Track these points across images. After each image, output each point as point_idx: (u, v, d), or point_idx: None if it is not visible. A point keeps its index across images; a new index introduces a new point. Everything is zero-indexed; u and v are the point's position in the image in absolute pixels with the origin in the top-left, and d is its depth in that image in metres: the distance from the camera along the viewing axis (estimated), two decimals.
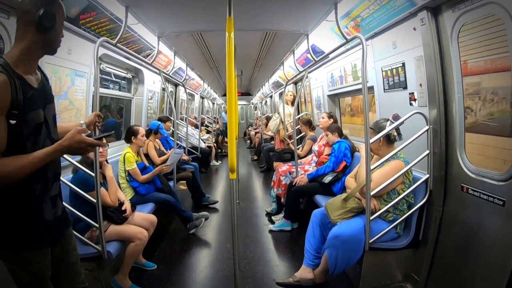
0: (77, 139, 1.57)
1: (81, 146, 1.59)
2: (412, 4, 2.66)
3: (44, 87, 1.69)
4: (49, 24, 1.56)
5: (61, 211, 1.85)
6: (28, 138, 1.54)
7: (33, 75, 1.63)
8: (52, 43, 1.66)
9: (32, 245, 1.63)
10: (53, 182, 1.75)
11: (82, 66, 3.66)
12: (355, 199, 3.07)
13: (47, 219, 1.69)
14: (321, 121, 5.11)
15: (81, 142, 1.58)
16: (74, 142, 1.56)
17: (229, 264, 3.63)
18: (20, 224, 1.59)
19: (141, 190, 4.19)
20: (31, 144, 1.55)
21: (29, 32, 1.55)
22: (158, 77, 6.52)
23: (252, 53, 6.36)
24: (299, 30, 4.13)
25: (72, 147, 1.57)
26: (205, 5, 3.26)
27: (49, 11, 1.55)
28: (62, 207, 1.87)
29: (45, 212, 1.68)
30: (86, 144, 1.60)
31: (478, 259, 2.41)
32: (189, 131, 7.95)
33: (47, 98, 1.71)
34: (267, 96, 12.91)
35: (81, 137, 1.58)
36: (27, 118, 1.52)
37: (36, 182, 1.61)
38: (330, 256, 2.86)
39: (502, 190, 2.20)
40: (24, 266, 1.63)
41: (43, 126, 1.62)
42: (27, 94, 1.52)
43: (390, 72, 3.38)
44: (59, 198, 1.84)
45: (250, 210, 5.66)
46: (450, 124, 2.70)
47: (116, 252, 2.96)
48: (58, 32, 1.66)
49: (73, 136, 1.56)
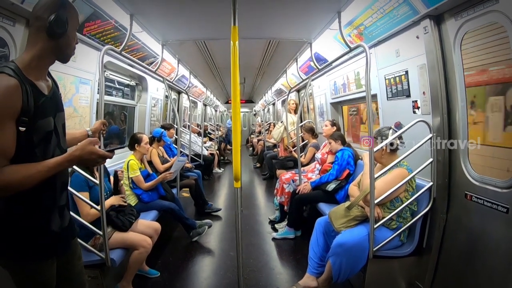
0: (89, 150, 1.54)
1: (92, 157, 1.56)
2: (415, 13, 2.67)
3: (54, 94, 1.67)
4: (60, 31, 1.53)
5: (68, 221, 1.81)
6: (38, 146, 1.51)
7: (44, 82, 1.60)
8: (64, 50, 1.63)
9: (38, 256, 1.59)
10: (61, 192, 1.72)
11: (87, 74, 3.68)
12: (358, 207, 3.06)
13: (54, 230, 1.65)
14: (324, 129, 5.11)
15: (92, 153, 1.55)
16: (86, 152, 1.53)
17: (233, 272, 3.62)
18: (27, 234, 1.55)
19: (145, 197, 4.19)
20: (41, 152, 1.52)
21: (40, 38, 1.53)
22: (161, 85, 6.54)
23: (255, 61, 6.39)
24: (302, 39, 4.16)
25: (84, 157, 1.54)
26: (209, 14, 3.29)
27: (61, 17, 1.52)
28: (69, 217, 1.83)
29: (52, 223, 1.64)
30: (97, 155, 1.57)
31: (482, 266, 2.40)
32: (192, 139, 7.96)
33: (58, 106, 1.69)
34: (270, 103, 12.92)
35: (93, 148, 1.55)
36: (38, 126, 1.49)
37: (44, 192, 1.58)
38: (334, 264, 2.85)
39: (505, 197, 2.20)
40: (30, 277, 1.60)
41: (53, 134, 1.60)
42: (38, 100, 1.50)
43: (393, 80, 3.39)
44: (67, 208, 1.80)
45: (253, 217, 5.64)
46: (453, 131, 2.70)
47: (119, 260, 2.96)
48: (71, 38, 1.63)
49: (85, 146, 1.53)
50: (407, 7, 2.67)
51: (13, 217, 1.52)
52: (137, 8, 3.12)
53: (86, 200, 2.81)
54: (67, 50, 1.65)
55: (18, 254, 1.55)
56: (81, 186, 2.91)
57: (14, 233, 1.53)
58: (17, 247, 1.55)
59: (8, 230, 1.53)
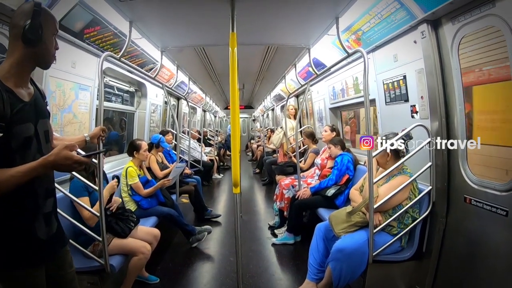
0: (63, 155, 1.48)
1: (67, 163, 1.49)
2: (412, 18, 2.69)
3: (36, 101, 1.65)
4: (33, 37, 1.53)
5: (56, 229, 1.79)
6: (17, 152, 1.50)
7: (24, 89, 1.60)
8: (42, 56, 1.62)
9: (25, 264, 1.57)
10: (45, 199, 1.69)
11: (86, 80, 3.69)
12: (359, 213, 3.06)
13: (40, 238, 1.64)
14: (323, 134, 5.11)
15: (67, 158, 1.48)
16: (60, 158, 1.47)
17: (232, 278, 3.61)
18: (11, 242, 1.54)
19: (144, 204, 4.19)
20: (20, 158, 1.50)
21: (17, 46, 1.54)
22: (160, 91, 6.54)
23: (254, 67, 6.41)
24: (300, 44, 4.19)
25: (58, 163, 1.48)
26: (208, 20, 3.31)
27: (34, 24, 1.52)
28: (57, 225, 1.81)
29: (38, 230, 1.62)
30: (73, 161, 1.50)
31: (482, 269, 2.40)
32: (192, 145, 7.96)
33: (40, 113, 1.67)
34: (269, 109, 12.94)
35: (67, 153, 1.49)
36: (15, 131, 1.48)
37: (24, 198, 1.56)
38: (334, 269, 2.85)
39: (505, 201, 2.20)
40: (17, 285, 1.58)
41: (33, 140, 1.58)
42: (15, 107, 1.49)
43: (392, 85, 3.40)
44: (54, 216, 1.78)
45: (252, 223, 5.64)
46: (452, 135, 2.70)
47: (119, 266, 2.95)
48: (48, 45, 1.62)
49: (60, 151, 1.48)
50: (404, 12, 2.68)
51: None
52: (136, 15, 3.14)
53: (84, 205, 2.81)
54: (45, 57, 1.65)
55: (4, 262, 1.53)
56: (80, 191, 2.91)
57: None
58: (3, 254, 1.53)
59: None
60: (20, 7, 1.58)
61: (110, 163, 4.89)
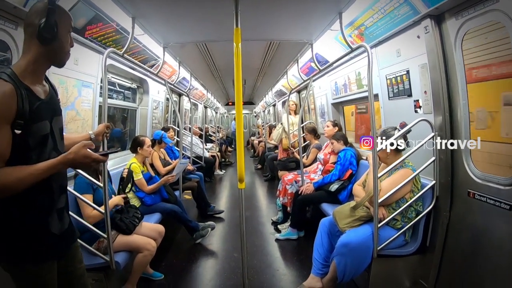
0: (82, 153, 1.54)
1: (86, 161, 1.56)
2: (415, 13, 2.69)
3: (51, 99, 1.69)
4: (49, 36, 1.54)
5: (68, 224, 1.82)
6: (34, 150, 1.53)
7: (40, 87, 1.62)
8: (57, 54, 1.64)
9: (38, 259, 1.60)
10: (59, 195, 1.73)
11: (89, 77, 3.69)
12: (363, 208, 3.06)
13: (54, 233, 1.67)
14: (326, 130, 5.12)
15: (86, 157, 1.55)
16: (80, 156, 1.53)
17: (237, 273, 3.63)
18: (26, 237, 1.57)
19: (147, 200, 4.20)
20: (36, 155, 1.53)
21: (33, 44, 1.55)
22: (162, 87, 6.56)
23: (255, 62, 6.40)
24: (303, 40, 4.18)
25: (77, 161, 1.54)
26: (210, 16, 3.31)
27: (49, 22, 1.53)
28: (69, 220, 1.84)
29: (51, 225, 1.65)
30: (91, 159, 1.57)
31: (486, 264, 2.41)
32: (194, 141, 7.97)
33: (55, 110, 1.70)
34: (270, 104, 12.93)
35: (86, 151, 1.55)
36: (33, 129, 1.51)
37: (41, 194, 1.60)
38: (339, 264, 2.86)
39: (508, 195, 2.20)
40: (30, 280, 1.60)
41: (49, 138, 1.61)
42: (33, 105, 1.52)
43: (395, 80, 3.40)
44: (66, 211, 1.81)
45: (255, 219, 5.66)
46: (455, 130, 2.71)
47: (124, 263, 2.96)
48: (63, 43, 1.64)
49: (79, 150, 1.53)
50: (408, 7, 2.68)
51: (11, 220, 1.53)
52: (139, 11, 3.13)
53: (89, 202, 2.82)
54: (60, 55, 1.66)
55: (18, 257, 1.56)
56: (85, 188, 2.93)
57: (13, 236, 1.55)
58: (17, 249, 1.56)
59: (7, 233, 1.54)
60: (34, 6, 1.59)
61: (113, 160, 4.89)
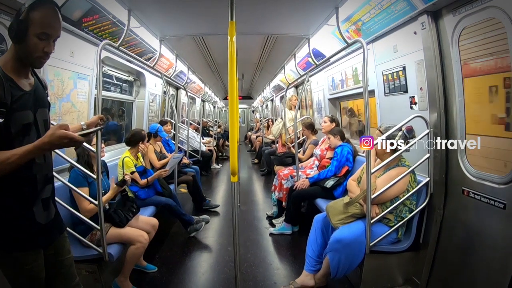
0: (58, 134, 1.49)
1: (64, 141, 1.52)
2: (412, 8, 2.68)
3: (36, 91, 1.71)
4: (12, 35, 1.56)
5: (54, 214, 1.84)
6: (16, 138, 1.55)
7: (25, 80, 1.66)
8: (26, 56, 1.60)
9: (23, 247, 1.63)
10: (43, 185, 1.74)
11: (85, 69, 3.67)
12: (357, 205, 3.06)
13: (39, 222, 1.70)
14: (323, 125, 5.10)
15: (62, 137, 1.50)
16: (55, 137, 1.49)
17: (230, 267, 3.64)
18: (11, 225, 1.59)
19: (141, 194, 4.19)
20: (18, 144, 1.53)
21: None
22: (159, 80, 6.53)
23: (253, 57, 6.39)
24: (300, 34, 4.17)
25: (53, 143, 1.50)
26: (207, 9, 3.29)
27: (16, 22, 1.55)
28: (55, 211, 1.86)
29: (36, 214, 1.68)
30: (67, 139, 1.51)
31: (479, 262, 2.42)
32: (190, 134, 7.96)
33: (40, 102, 1.72)
34: (268, 99, 12.92)
35: (63, 132, 1.50)
36: (15, 117, 1.54)
37: (24, 184, 1.63)
38: (332, 260, 2.86)
39: (502, 193, 2.21)
40: (16, 267, 1.63)
41: (32, 127, 1.64)
42: (15, 95, 1.55)
43: (391, 76, 3.39)
44: (52, 201, 1.83)
45: (251, 213, 5.66)
46: (450, 127, 2.71)
47: (117, 254, 2.96)
48: (31, 46, 1.58)
49: (54, 131, 1.49)
50: (405, 2, 2.67)
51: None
52: (135, 3, 3.11)
53: (84, 195, 2.81)
54: (29, 57, 1.61)
55: (4, 245, 1.59)
56: (80, 181, 2.92)
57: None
58: (2, 237, 1.59)
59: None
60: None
61: (109, 152, 4.89)
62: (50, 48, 1.64)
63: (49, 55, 1.66)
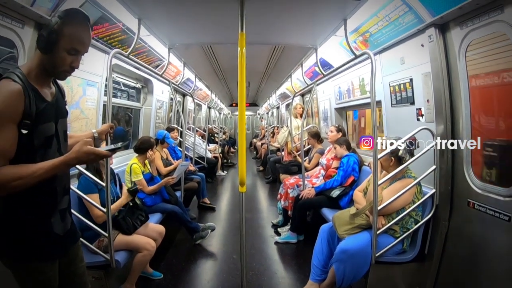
0: (85, 150, 1.52)
1: (91, 158, 1.55)
2: (420, 21, 2.70)
3: (58, 101, 1.71)
4: (42, 46, 1.54)
5: (70, 224, 1.85)
6: (38, 150, 1.55)
7: (47, 89, 1.64)
8: (53, 68, 1.60)
9: (41, 257, 1.63)
10: (62, 196, 1.75)
11: (94, 76, 3.71)
12: (363, 216, 3.07)
13: (57, 233, 1.70)
14: (329, 135, 5.10)
15: (89, 154, 1.53)
16: (82, 154, 1.51)
17: (235, 275, 3.64)
18: (30, 236, 1.59)
19: (148, 201, 4.22)
20: (40, 156, 1.54)
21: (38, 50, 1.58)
22: (166, 87, 6.56)
23: (260, 65, 6.43)
24: (308, 44, 4.20)
25: (80, 159, 1.52)
26: (216, 18, 3.33)
27: (44, 34, 1.53)
28: (71, 220, 1.87)
29: (54, 226, 1.68)
30: (95, 155, 1.56)
31: (483, 274, 2.41)
32: (196, 141, 7.98)
33: (60, 113, 1.72)
34: (274, 107, 12.94)
35: (89, 148, 1.53)
36: (39, 130, 1.53)
37: (44, 196, 1.63)
38: (337, 270, 2.86)
39: (507, 206, 2.21)
40: (31, 277, 1.63)
41: (53, 139, 1.63)
42: (40, 106, 1.54)
43: (398, 87, 3.41)
44: (68, 212, 1.84)
45: (256, 221, 5.66)
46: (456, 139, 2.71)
47: (124, 261, 2.98)
48: (58, 59, 1.58)
49: (81, 148, 1.51)
50: (413, 15, 2.69)
51: (16, 219, 1.56)
52: (145, 13, 3.16)
53: (94, 203, 2.84)
54: (55, 69, 1.61)
55: (22, 255, 1.59)
56: (91, 188, 2.94)
57: (18, 235, 1.58)
58: (21, 248, 1.58)
59: (10, 231, 1.57)
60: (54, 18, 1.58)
61: (115, 159, 4.91)
62: (77, 64, 1.64)
63: (74, 70, 1.67)
